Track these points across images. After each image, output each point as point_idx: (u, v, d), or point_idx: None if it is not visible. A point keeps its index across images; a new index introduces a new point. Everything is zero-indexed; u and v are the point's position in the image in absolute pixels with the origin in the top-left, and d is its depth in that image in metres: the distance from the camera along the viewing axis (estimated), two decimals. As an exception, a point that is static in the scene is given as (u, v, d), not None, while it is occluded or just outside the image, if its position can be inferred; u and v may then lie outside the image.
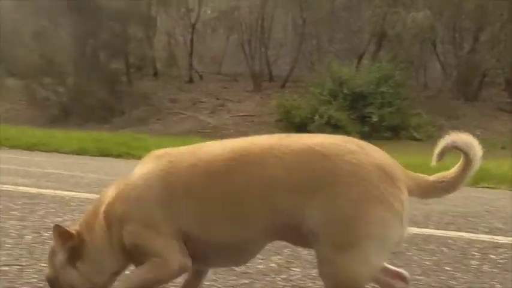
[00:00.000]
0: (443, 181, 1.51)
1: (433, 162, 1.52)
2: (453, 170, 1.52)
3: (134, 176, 1.57)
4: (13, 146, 8.67)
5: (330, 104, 14.31)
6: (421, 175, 1.53)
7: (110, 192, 1.61)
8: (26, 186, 4.51)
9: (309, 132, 14.01)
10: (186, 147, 1.62)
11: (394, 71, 14.89)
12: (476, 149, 1.50)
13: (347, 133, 13.82)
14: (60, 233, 1.58)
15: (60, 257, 1.60)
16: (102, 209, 1.58)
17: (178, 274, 1.57)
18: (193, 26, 18.57)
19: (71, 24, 17.23)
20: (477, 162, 1.50)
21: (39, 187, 4.50)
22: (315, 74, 16.62)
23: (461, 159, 1.52)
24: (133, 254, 1.56)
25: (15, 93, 19.36)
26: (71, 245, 1.58)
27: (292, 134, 1.56)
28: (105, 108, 16.56)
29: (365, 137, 13.82)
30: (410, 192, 1.47)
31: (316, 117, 14.03)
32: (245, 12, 17.46)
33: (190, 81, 18.87)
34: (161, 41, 19.25)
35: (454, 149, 1.51)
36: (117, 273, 1.64)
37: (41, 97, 17.92)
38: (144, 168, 1.57)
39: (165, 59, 19.08)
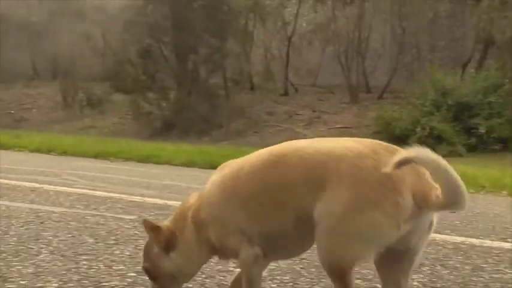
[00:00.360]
0: (438, 196, 1.51)
1: (386, 169, 1.49)
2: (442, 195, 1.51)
3: (206, 186, 1.87)
4: (127, 159, 9.21)
5: (433, 115, 13.75)
6: (434, 186, 1.53)
7: (193, 200, 1.89)
8: (152, 197, 4.76)
9: (410, 145, 13.58)
10: (244, 157, 1.87)
11: (503, 79, 14.01)
12: (448, 175, 1.46)
13: (451, 145, 13.21)
14: (151, 226, 1.86)
15: (156, 248, 1.87)
16: (190, 214, 1.86)
17: (258, 265, 1.80)
18: (289, 39, 18.75)
19: (173, 42, 18.08)
20: (452, 194, 1.47)
21: (162, 198, 4.74)
22: (415, 84, 16.07)
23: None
24: (220, 249, 1.85)
25: (121, 108, 20.65)
26: (164, 237, 1.85)
27: (327, 138, 1.76)
28: (204, 121, 17.12)
29: (472, 149, 13.14)
30: (415, 199, 1.52)
31: (418, 128, 13.54)
32: (342, 23, 17.34)
33: (286, 94, 19.02)
34: (257, 55, 19.62)
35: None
36: (202, 265, 1.96)
37: (145, 111, 18.89)
38: (212, 179, 1.87)
39: (262, 72, 19.40)
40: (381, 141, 1.66)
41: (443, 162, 1.48)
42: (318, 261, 2.72)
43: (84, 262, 2.56)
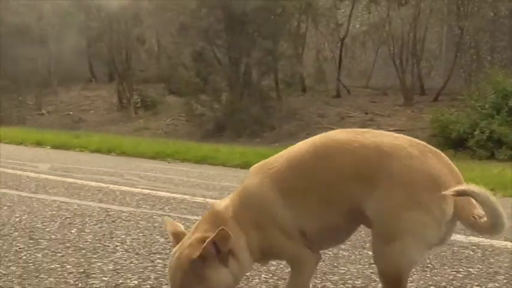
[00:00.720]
0: (474, 218, 1.63)
1: (447, 192, 1.59)
2: (485, 220, 1.61)
3: (250, 187, 1.81)
4: (184, 160, 9.41)
5: (493, 118, 13.25)
6: (471, 201, 1.63)
7: (226, 203, 1.81)
8: (213, 198, 4.85)
9: (468, 148, 13.20)
10: (277, 155, 1.87)
11: None
12: (498, 214, 1.57)
13: (512, 150, 12.70)
14: (225, 235, 1.66)
15: (213, 261, 1.67)
16: (231, 215, 1.77)
17: (315, 268, 1.87)
18: (342, 41, 18.60)
19: (226, 45, 18.30)
20: (497, 227, 1.58)
21: (224, 200, 4.81)
22: (473, 86, 15.57)
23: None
24: (268, 254, 1.82)
25: (175, 110, 21.10)
26: (229, 246, 1.69)
27: (367, 130, 1.79)
28: (256, 123, 17.22)
29: (535, 155, 12.56)
30: (455, 208, 1.64)
31: (477, 132, 13.10)
32: (396, 24, 17.03)
33: (338, 95, 18.86)
34: (309, 56, 19.57)
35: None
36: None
37: (197, 113, 19.20)
38: (254, 180, 1.81)
39: (313, 74, 19.33)
40: (422, 142, 1.75)
41: (496, 201, 1.59)
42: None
43: (159, 261, 2.65)
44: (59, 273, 2.40)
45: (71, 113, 24.64)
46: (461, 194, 1.60)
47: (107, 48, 24.59)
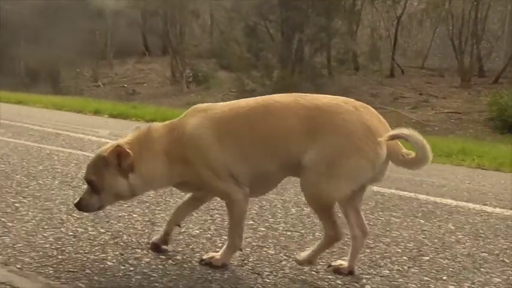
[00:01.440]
0: (403, 156, 1.90)
1: (383, 138, 1.85)
2: (413, 156, 1.89)
3: (187, 126, 1.97)
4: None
5: (555, 102, 12.75)
6: (398, 143, 1.92)
7: (162, 131, 1.99)
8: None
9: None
10: (221, 103, 2.06)
11: None
12: (425, 149, 1.84)
13: None
14: (123, 152, 1.92)
15: (113, 168, 1.93)
16: (163, 148, 1.96)
17: (247, 203, 2.02)
18: (398, 19, 18.16)
19: (280, 20, 18.24)
20: (424, 160, 1.86)
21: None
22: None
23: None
24: (196, 186, 2.00)
25: (226, 85, 21.31)
26: (127, 163, 1.92)
27: (307, 94, 1.99)
28: (307, 100, 17.18)
29: None
30: (388, 152, 1.88)
31: (537, 116, 12.64)
32: (457, 2, 16.45)
33: (392, 75, 18.51)
34: (364, 34, 19.25)
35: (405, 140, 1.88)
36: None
37: (248, 88, 19.32)
38: (194, 120, 1.97)
39: (367, 52, 19.02)
40: (353, 99, 1.97)
41: (423, 138, 1.86)
42: (440, 233, 2.73)
43: (218, 215, 2.79)
44: (127, 220, 2.58)
45: (125, 85, 25.32)
46: (394, 137, 1.87)
47: (161, 22, 24.93)
